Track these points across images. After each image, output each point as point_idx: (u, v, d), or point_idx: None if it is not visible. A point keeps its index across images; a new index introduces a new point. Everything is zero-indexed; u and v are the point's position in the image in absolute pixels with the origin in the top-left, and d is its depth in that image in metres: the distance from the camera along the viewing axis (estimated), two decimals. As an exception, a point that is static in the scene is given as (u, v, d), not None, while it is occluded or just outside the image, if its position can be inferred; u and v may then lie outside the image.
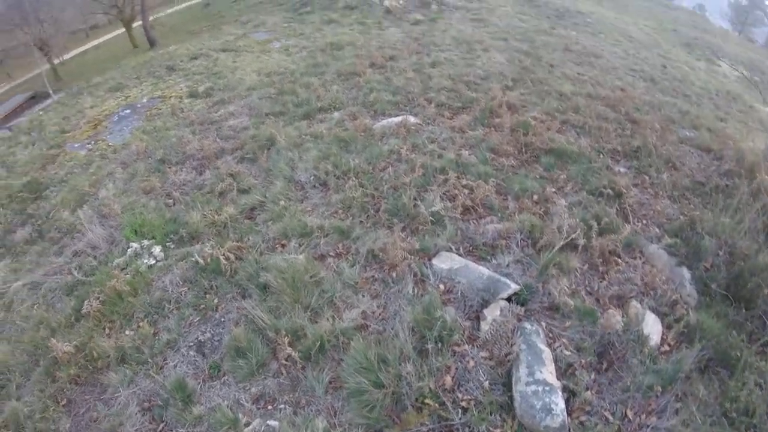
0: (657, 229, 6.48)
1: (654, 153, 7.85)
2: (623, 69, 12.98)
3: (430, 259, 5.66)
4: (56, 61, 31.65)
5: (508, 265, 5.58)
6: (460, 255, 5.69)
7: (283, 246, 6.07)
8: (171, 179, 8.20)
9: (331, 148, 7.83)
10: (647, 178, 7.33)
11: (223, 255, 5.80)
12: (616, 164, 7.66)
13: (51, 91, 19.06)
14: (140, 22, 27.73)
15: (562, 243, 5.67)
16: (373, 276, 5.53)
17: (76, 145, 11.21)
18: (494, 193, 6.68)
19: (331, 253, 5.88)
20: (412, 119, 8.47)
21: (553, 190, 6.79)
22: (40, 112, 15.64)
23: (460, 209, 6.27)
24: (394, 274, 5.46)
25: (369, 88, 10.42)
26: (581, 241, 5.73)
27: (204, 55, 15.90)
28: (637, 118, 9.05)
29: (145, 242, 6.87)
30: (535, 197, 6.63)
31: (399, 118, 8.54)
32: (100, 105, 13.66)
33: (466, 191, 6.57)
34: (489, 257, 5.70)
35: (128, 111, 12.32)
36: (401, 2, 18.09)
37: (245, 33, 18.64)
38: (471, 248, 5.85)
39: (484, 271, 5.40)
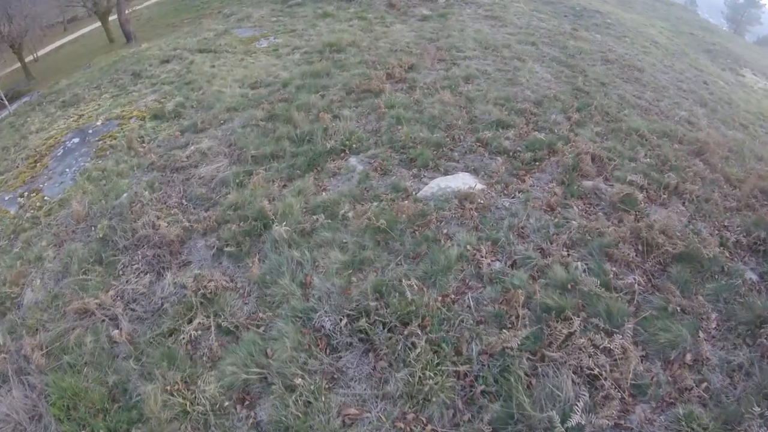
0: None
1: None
2: (673, 89, 9.65)
3: None
4: (29, 58, 26.23)
5: None
6: None
7: None
8: (115, 288, 4.61)
9: (364, 247, 4.33)
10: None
11: None
12: (744, 266, 4.74)
13: (6, 102, 14.53)
14: (116, 16, 22.69)
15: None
16: None
17: (6, 198, 7.31)
18: (631, 344, 3.59)
19: None
20: (475, 183, 4.97)
21: (703, 336, 3.87)
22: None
23: (612, 413, 3.00)
24: None
25: (394, 116, 6.78)
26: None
27: (177, 57, 11.71)
28: (732, 175, 6.20)
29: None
30: (688, 356, 3.72)
31: (455, 182, 5.05)
32: (48, 128, 9.60)
33: (606, 360, 3.39)
34: None
35: (77, 140, 8.37)
36: (405, -5, 14.08)
37: (227, 29, 14.32)
38: None
39: None
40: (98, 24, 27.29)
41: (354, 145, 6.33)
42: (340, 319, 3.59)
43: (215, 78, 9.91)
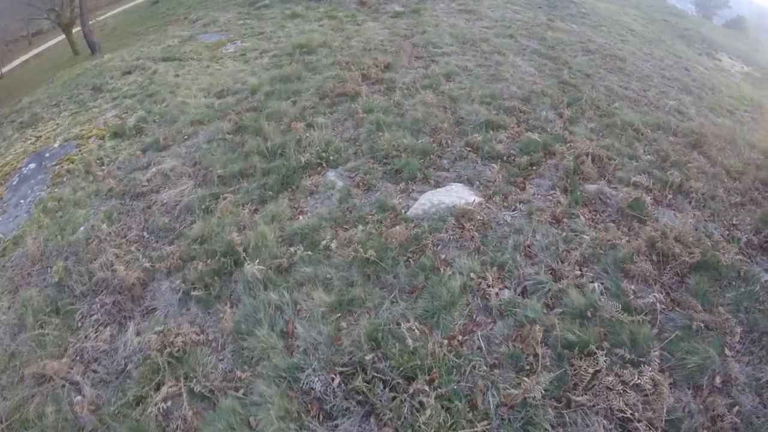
0: None
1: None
2: (657, 77, 9.24)
3: None
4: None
5: None
6: None
7: None
8: (73, 346, 3.89)
9: (352, 283, 3.69)
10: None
11: None
12: (758, 267, 4.29)
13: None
14: (80, 27, 21.25)
15: None
16: None
17: (-44, 234, 6.44)
18: (659, 373, 3.13)
19: None
20: (471, 197, 4.37)
21: (730, 353, 3.47)
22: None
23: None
24: None
25: (373, 122, 6.12)
26: None
27: (140, 67, 10.75)
28: (730, 167, 5.80)
29: None
30: (717, 379, 3.31)
31: (448, 196, 4.43)
32: (5, 153, 8.63)
33: (636, 398, 2.93)
34: None
35: (33, 166, 7.47)
36: (375, -9, 13.31)
37: (192, 35, 13.35)
38: None
39: None
40: (63, 36, 25.69)
41: (331, 157, 5.65)
42: (332, 378, 2.95)
43: (179, 88, 9.03)
